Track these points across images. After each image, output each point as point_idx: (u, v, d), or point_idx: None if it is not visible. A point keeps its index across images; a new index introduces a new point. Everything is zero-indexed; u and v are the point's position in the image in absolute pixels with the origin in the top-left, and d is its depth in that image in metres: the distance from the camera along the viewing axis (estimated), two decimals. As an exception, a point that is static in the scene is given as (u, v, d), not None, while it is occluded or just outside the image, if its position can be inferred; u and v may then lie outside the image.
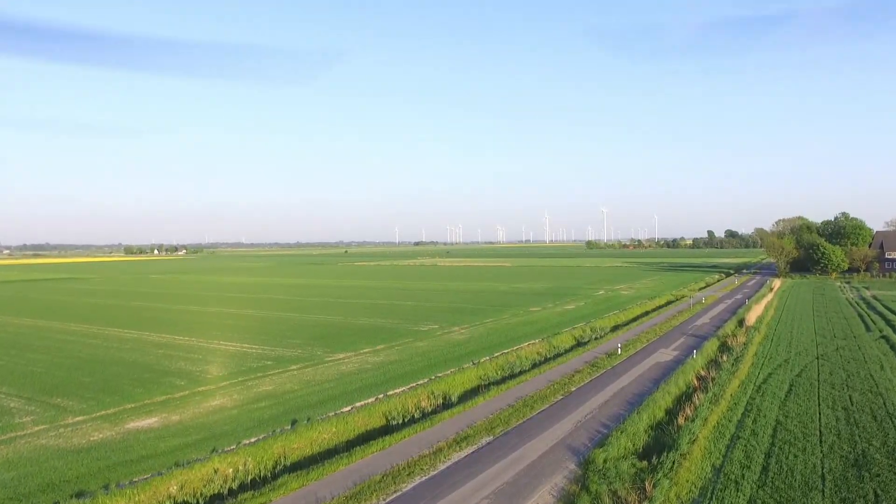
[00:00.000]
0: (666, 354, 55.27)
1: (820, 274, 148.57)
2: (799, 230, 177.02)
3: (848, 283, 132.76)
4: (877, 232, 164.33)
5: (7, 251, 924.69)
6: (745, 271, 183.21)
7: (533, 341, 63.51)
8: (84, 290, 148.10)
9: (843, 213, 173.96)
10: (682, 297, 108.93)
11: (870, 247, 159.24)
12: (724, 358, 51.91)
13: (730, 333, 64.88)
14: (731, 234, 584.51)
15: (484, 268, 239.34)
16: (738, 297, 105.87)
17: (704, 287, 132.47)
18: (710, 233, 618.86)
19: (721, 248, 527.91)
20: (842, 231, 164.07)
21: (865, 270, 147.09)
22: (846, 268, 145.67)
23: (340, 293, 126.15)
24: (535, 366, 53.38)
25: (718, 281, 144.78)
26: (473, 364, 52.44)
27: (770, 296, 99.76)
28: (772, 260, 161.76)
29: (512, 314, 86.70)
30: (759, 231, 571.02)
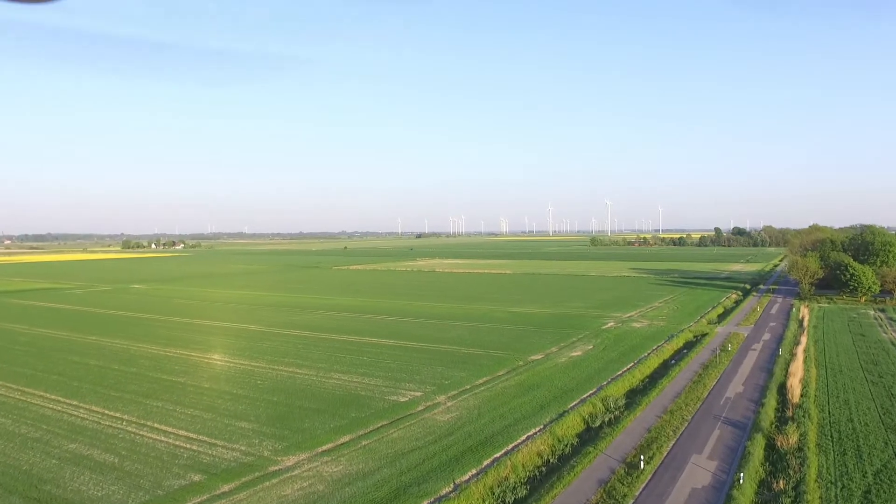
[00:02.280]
0: (701, 471, 43.33)
1: (848, 296, 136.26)
2: (821, 245, 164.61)
3: (882, 311, 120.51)
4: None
5: (8, 241, 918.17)
6: (762, 287, 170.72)
7: (533, 431, 51.80)
8: (50, 311, 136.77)
9: (869, 227, 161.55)
10: (703, 335, 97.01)
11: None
12: (780, 483, 40.07)
13: (774, 424, 52.86)
14: (738, 232, 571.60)
15: (483, 277, 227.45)
16: (767, 337, 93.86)
17: (723, 315, 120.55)
18: (718, 230, 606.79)
19: (729, 246, 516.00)
20: (869, 248, 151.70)
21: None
22: (877, 291, 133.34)
23: (322, 323, 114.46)
24: (533, 488, 41.61)
25: (737, 305, 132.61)
26: (454, 488, 40.70)
27: (804, 340, 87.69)
28: (792, 276, 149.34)
29: (510, 368, 74.92)
30: (768, 229, 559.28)
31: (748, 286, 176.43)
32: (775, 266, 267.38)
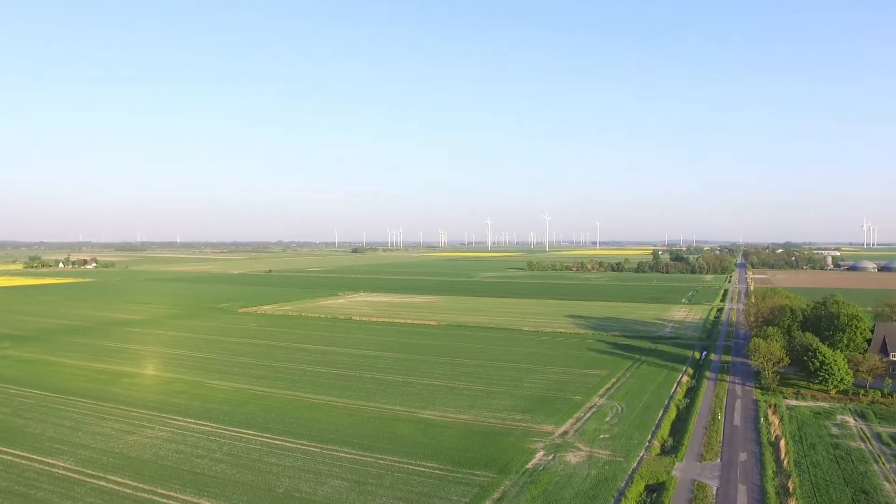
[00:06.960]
0: None
1: (816, 387, 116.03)
2: (780, 315, 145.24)
3: (862, 417, 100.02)
4: (877, 325, 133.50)
5: None
6: (713, 359, 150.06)
7: None
8: None
9: (832, 297, 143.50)
10: (659, 488, 72.57)
11: (869, 343, 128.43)
12: None
13: None
14: (676, 257, 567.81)
15: (403, 332, 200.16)
16: (743, 499, 69.90)
17: (678, 426, 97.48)
18: (655, 253, 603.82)
19: (667, 272, 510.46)
20: (834, 322, 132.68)
21: (871, 387, 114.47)
22: (850, 383, 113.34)
23: (141, 472, 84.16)
24: None
25: (691, 404, 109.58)
26: None
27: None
28: (753, 364, 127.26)
29: None
30: (705, 255, 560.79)
31: (697, 354, 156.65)
32: (720, 312, 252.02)
